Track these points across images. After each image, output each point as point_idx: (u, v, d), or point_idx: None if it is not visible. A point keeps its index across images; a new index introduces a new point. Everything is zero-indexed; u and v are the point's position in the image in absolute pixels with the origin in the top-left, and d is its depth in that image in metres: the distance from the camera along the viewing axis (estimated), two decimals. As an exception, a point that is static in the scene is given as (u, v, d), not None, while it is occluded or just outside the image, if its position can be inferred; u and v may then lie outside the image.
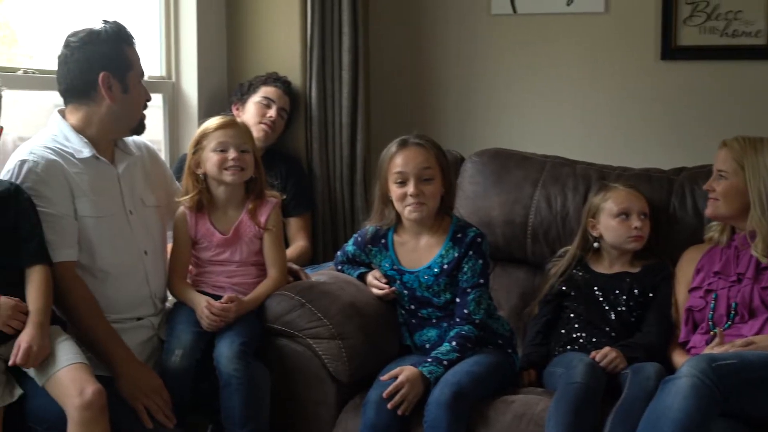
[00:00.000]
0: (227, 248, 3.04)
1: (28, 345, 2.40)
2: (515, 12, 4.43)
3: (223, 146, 2.98)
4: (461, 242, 3.02)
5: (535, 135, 4.39)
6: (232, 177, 2.99)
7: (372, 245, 3.17)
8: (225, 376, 2.79)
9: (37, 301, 2.51)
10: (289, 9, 4.12)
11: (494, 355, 2.98)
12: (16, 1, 3.57)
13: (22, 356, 2.39)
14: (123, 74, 2.86)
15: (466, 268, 3.00)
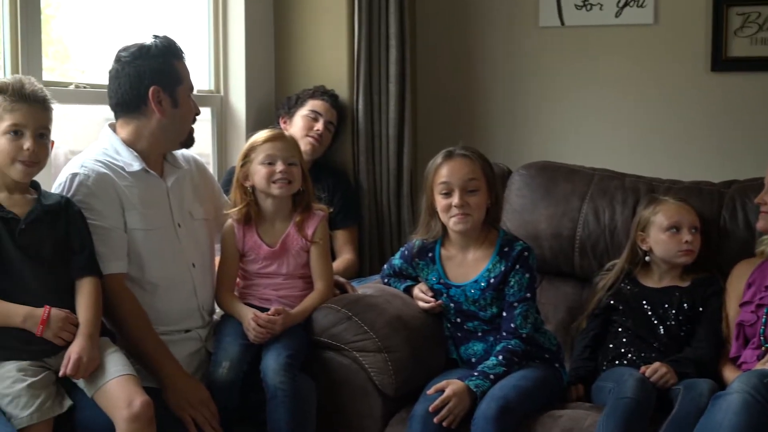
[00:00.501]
0: (274, 261, 3.05)
1: (78, 356, 2.43)
2: (563, 24, 4.41)
3: (271, 159, 3.00)
4: (508, 256, 3.00)
5: (583, 147, 4.36)
6: (279, 190, 3.00)
7: (419, 259, 3.16)
8: (271, 389, 2.79)
9: (86, 313, 2.53)
10: (336, 22, 4.14)
11: (541, 369, 2.96)
12: (69, 18, 3.62)
13: (72, 367, 2.42)
14: (173, 88, 2.89)
15: (512, 282, 2.98)
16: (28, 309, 2.43)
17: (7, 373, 2.40)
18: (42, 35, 3.19)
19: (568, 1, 4.39)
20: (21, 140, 2.48)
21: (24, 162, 2.49)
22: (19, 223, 2.48)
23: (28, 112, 2.50)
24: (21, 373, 2.39)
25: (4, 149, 2.48)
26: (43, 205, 2.55)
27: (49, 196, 2.61)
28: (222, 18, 4.13)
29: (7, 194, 2.53)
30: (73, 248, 2.59)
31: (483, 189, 3.02)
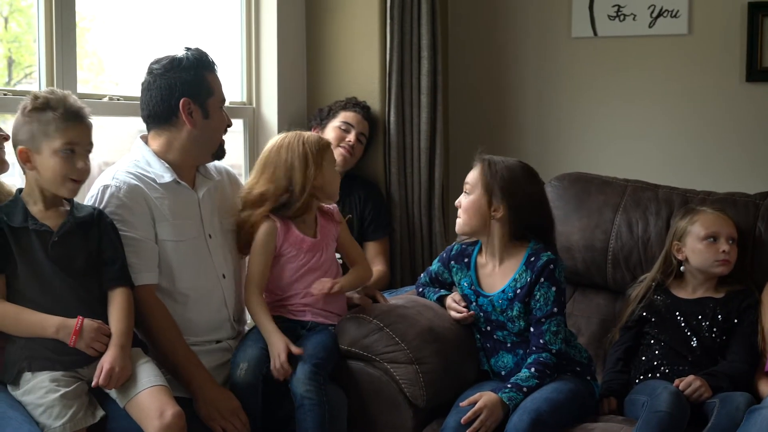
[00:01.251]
0: (315, 252, 3.02)
1: (110, 366, 2.44)
2: (596, 35, 4.40)
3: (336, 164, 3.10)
4: (534, 266, 2.99)
5: (617, 159, 4.34)
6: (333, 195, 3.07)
7: (455, 262, 3.17)
8: (298, 398, 2.79)
9: (119, 323, 2.54)
10: (368, 34, 4.15)
11: (573, 382, 2.94)
12: (103, 31, 3.65)
13: (104, 377, 2.43)
14: (203, 100, 2.90)
15: (538, 296, 2.96)
16: (61, 319, 2.44)
17: (40, 383, 2.41)
18: (77, 48, 3.22)
19: (601, 12, 4.38)
20: (74, 158, 2.50)
21: (75, 180, 2.51)
22: (51, 236, 2.50)
23: (80, 131, 2.52)
24: (54, 384, 2.41)
25: (57, 167, 2.48)
26: (75, 218, 2.56)
27: (82, 208, 2.63)
28: (254, 30, 4.15)
29: (42, 207, 2.55)
30: (105, 260, 2.60)
31: (475, 193, 3.04)
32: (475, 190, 3.04)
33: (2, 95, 3.00)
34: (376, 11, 4.12)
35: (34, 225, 2.50)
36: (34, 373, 2.44)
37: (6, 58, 3.43)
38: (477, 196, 3.04)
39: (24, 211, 2.52)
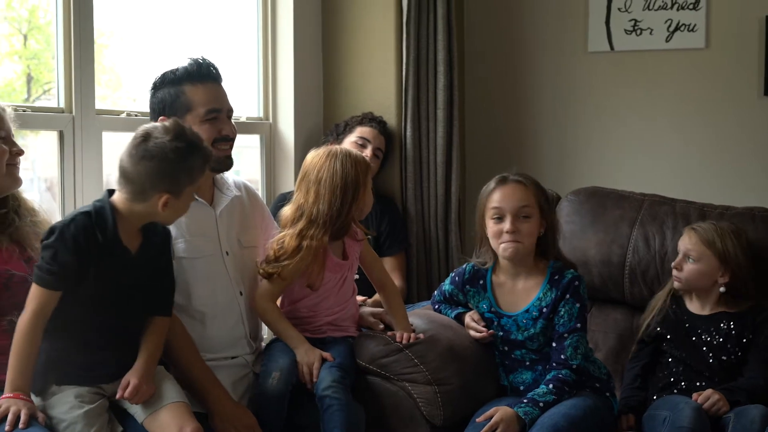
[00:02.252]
0: (345, 272, 3.01)
1: (138, 382, 2.44)
2: (612, 49, 4.40)
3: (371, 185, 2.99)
4: (558, 284, 2.98)
5: (633, 173, 4.34)
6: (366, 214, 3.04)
7: (470, 286, 3.14)
8: (326, 400, 2.77)
9: (151, 346, 2.55)
10: (384, 49, 4.16)
11: (591, 398, 2.92)
12: (121, 47, 3.67)
13: (130, 392, 2.43)
14: (180, 117, 2.80)
15: (562, 312, 2.95)
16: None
17: (65, 398, 2.42)
18: (95, 64, 3.24)
19: (618, 26, 4.38)
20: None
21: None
22: (129, 259, 2.49)
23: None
24: (78, 400, 2.41)
25: (183, 208, 2.53)
26: (150, 242, 2.54)
27: (155, 228, 2.58)
28: (271, 46, 4.17)
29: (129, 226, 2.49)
30: (159, 286, 2.60)
31: (535, 216, 2.99)
32: (533, 213, 2.99)
33: (21, 111, 3.02)
34: (392, 26, 4.12)
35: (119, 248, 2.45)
36: (60, 386, 2.44)
37: (25, 74, 3.46)
38: (536, 218, 2.99)
39: (114, 225, 2.45)
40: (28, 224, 2.65)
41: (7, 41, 3.36)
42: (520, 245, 2.97)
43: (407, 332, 2.97)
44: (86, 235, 2.39)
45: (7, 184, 2.58)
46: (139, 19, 3.71)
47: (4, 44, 3.35)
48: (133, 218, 2.47)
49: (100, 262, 2.42)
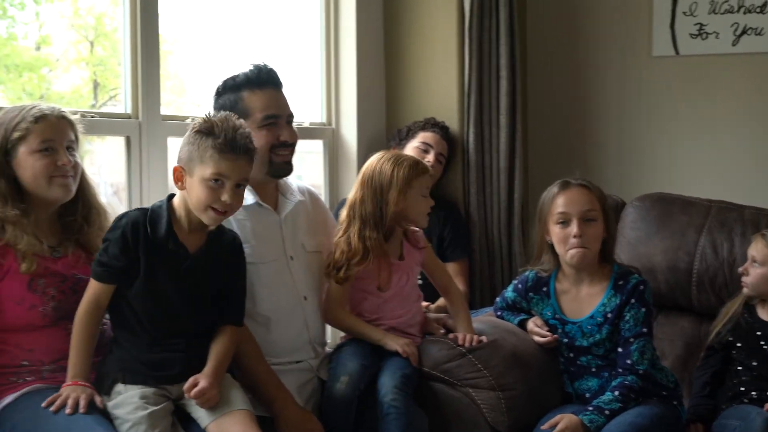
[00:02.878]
0: (403, 273, 3.02)
1: (205, 385, 2.46)
2: (678, 53, 4.34)
3: (425, 192, 2.99)
4: (623, 289, 2.95)
5: (699, 179, 4.28)
6: (426, 222, 3.03)
7: (533, 293, 3.12)
8: (385, 406, 2.78)
9: (220, 355, 2.56)
10: (447, 54, 4.15)
11: (659, 406, 2.88)
12: (184, 53, 3.71)
13: (197, 392, 2.45)
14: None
15: (628, 317, 2.92)
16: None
17: (130, 398, 2.44)
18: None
19: (683, 30, 4.32)
20: (220, 190, 2.49)
21: (216, 210, 2.51)
22: (186, 259, 2.53)
23: (233, 165, 2.50)
24: (143, 401, 2.43)
25: (202, 196, 2.49)
26: (214, 245, 2.58)
27: (224, 236, 2.62)
28: (334, 51, 4.18)
29: (185, 227, 2.55)
30: (227, 293, 2.62)
31: (600, 220, 2.97)
32: (599, 217, 2.98)
33: (89, 117, 3.05)
34: (455, 31, 4.11)
35: (173, 244, 2.52)
36: (126, 385, 2.47)
37: (91, 81, 3.50)
38: (600, 223, 2.98)
39: (168, 224, 2.52)
40: (96, 230, 2.69)
41: (75, 48, 3.40)
42: (587, 251, 2.95)
43: (470, 334, 2.96)
44: (134, 229, 2.48)
45: (56, 195, 2.59)
46: (203, 25, 3.74)
47: (72, 51, 3.40)
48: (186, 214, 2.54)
49: (152, 257, 2.49)
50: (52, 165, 2.54)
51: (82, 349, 2.47)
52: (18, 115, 2.54)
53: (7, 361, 2.54)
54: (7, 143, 2.53)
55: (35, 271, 2.51)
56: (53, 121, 2.56)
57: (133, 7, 3.18)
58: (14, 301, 2.51)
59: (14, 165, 2.55)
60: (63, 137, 2.58)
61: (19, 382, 2.53)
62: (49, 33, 3.27)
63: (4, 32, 3.14)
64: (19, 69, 3.22)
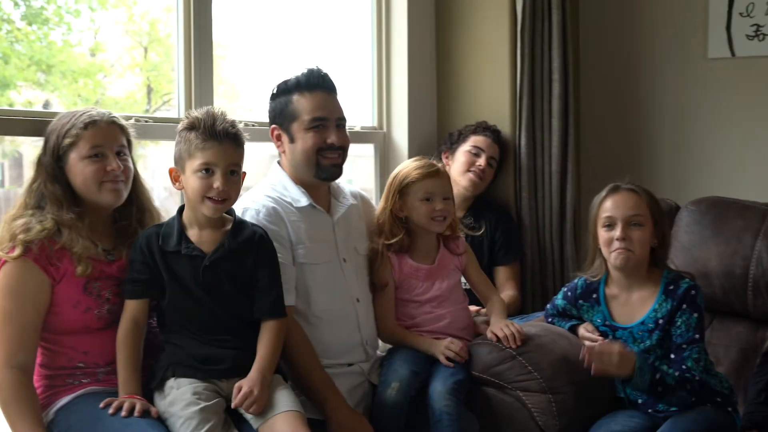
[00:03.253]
0: (434, 280, 3.05)
1: (248, 389, 2.48)
2: (734, 55, 4.29)
3: (429, 195, 3.02)
4: (674, 294, 2.91)
5: (756, 182, 4.22)
6: (439, 227, 3.04)
7: (583, 300, 3.10)
8: (437, 412, 2.79)
9: (264, 352, 2.58)
10: (499, 58, 4.13)
11: (714, 413, 2.85)
12: (237, 58, 3.73)
13: (240, 399, 2.47)
14: (288, 125, 2.94)
15: (679, 322, 2.89)
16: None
17: (183, 395, 2.47)
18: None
19: (739, 32, 4.26)
20: (211, 179, 2.55)
21: (213, 199, 2.56)
22: (203, 260, 2.57)
23: (218, 151, 2.55)
24: (195, 397, 2.46)
25: (196, 187, 2.55)
26: (231, 243, 2.61)
27: (243, 232, 2.66)
28: (385, 56, 4.19)
29: (197, 230, 2.62)
30: (260, 288, 2.64)
31: (648, 225, 2.94)
32: (646, 222, 2.95)
33: (143, 122, 3.09)
34: (507, 35, 4.10)
35: (186, 249, 2.57)
36: (177, 379, 2.51)
37: (145, 86, 3.54)
38: (649, 228, 2.95)
39: (180, 233, 2.59)
40: None
41: (129, 54, 3.45)
42: (630, 254, 2.92)
43: (508, 328, 2.98)
44: (148, 242, 2.58)
45: (107, 200, 2.63)
46: (255, 30, 3.77)
47: (126, 57, 3.44)
48: (193, 216, 2.61)
49: (171, 264, 2.57)
50: (101, 170, 2.58)
51: (129, 367, 2.52)
52: (69, 122, 2.58)
53: (63, 362, 2.59)
54: (59, 149, 2.58)
55: (90, 275, 2.55)
56: (103, 126, 2.60)
57: (186, 12, 3.21)
58: (70, 304, 2.55)
59: (67, 171, 2.59)
60: (113, 142, 2.62)
61: (74, 384, 2.58)
62: (104, 39, 3.31)
63: (60, 39, 3.19)
64: (74, 75, 3.27)
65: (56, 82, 3.20)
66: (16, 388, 2.43)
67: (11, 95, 3.12)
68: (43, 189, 2.58)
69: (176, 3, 3.23)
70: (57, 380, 2.58)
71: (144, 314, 2.58)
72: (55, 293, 2.53)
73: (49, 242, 2.52)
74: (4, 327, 2.47)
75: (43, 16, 3.11)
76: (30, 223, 2.52)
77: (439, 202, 3.02)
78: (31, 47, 3.10)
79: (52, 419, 2.52)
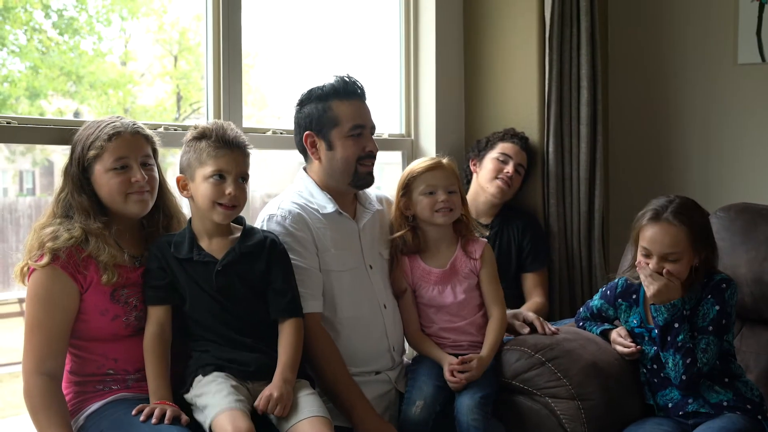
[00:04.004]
0: (446, 284, 3.03)
1: (269, 393, 2.49)
2: (764, 61, 4.25)
3: (431, 189, 3.01)
4: (707, 286, 2.90)
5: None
6: (443, 218, 3.01)
7: (622, 299, 3.09)
8: (464, 426, 2.78)
9: (285, 355, 2.60)
10: (527, 65, 4.13)
11: (744, 420, 2.83)
12: (265, 66, 3.76)
13: (263, 403, 2.49)
14: (327, 132, 2.93)
15: (700, 311, 2.88)
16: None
17: (212, 379, 2.52)
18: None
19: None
20: (223, 185, 2.59)
21: (224, 206, 2.59)
22: (215, 266, 2.60)
23: (230, 158, 2.60)
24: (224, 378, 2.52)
25: (207, 193, 2.59)
26: (241, 247, 2.64)
27: (253, 237, 2.69)
28: (413, 63, 4.20)
29: (207, 239, 2.66)
30: (275, 290, 2.66)
31: (685, 258, 2.89)
32: (683, 256, 2.89)
33: (172, 131, 3.12)
34: (535, 42, 4.09)
35: (198, 256, 2.61)
36: (207, 377, 2.53)
37: (174, 94, 3.57)
38: (687, 259, 2.91)
39: (191, 241, 2.64)
40: None
41: (159, 62, 3.48)
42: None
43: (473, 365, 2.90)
44: (162, 251, 2.63)
45: (133, 210, 2.66)
46: (283, 40, 3.79)
47: (156, 65, 3.47)
48: (202, 224, 2.65)
49: (185, 271, 2.61)
50: (126, 182, 2.61)
51: (158, 374, 2.55)
52: (93, 133, 2.62)
53: (93, 369, 2.62)
54: (85, 161, 2.62)
55: (117, 282, 2.58)
56: (127, 138, 2.63)
57: (216, 21, 3.24)
58: (98, 312, 2.58)
59: (93, 181, 2.63)
60: (138, 153, 2.65)
61: (105, 390, 2.61)
62: (135, 48, 3.34)
63: (91, 49, 3.22)
64: (104, 86, 3.30)
65: (85, 92, 3.24)
66: (45, 395, 2.46)
67: (42, 104, 3.16)
68: (71, 199, 2.61)
69: (205, 11, 3.26)
70: (87, 387, 2.61)
71: (168, 320, 2.61)
72: (83, 301, 2.56)
73: (77, 250, 2.55)
74: (33, 334, 2.51)
75: (75, 25, 3.14)
76: (58, 232, 2.55)
77: (442, 194, 3.00)
78: (62, 57, 3.14)
79: (83, 425, 2.55)
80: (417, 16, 4.19)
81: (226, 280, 2.61)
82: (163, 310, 2.61)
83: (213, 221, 2.63)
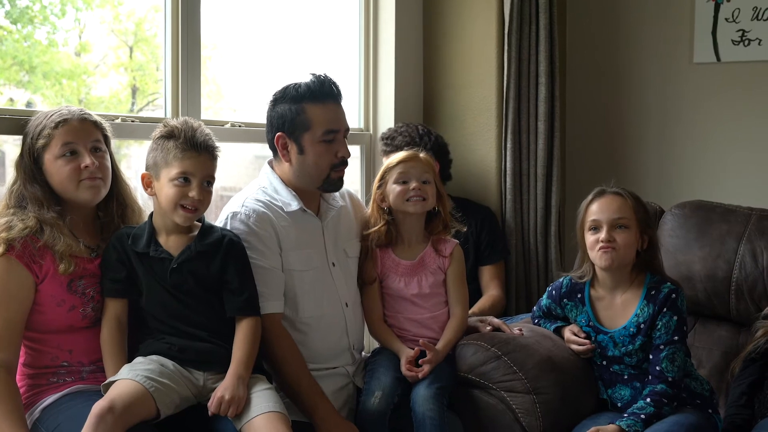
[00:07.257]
0: (412, 277, 3.03)
1: (221, 395, 2.48)
2: (719, 60, 4.30)
3: (404, 177, 3.01)
4: (656, 299, 2.92)
5: (740, 186, 4.23)
6: (414, 207, 3.00)
7: (567, 299, 3.11)
8: (419, 416, 2.78)
9: (239, 353, 2.58)
10: (486, 60, 4.14)
11: (695, 415, 2.86)
12: (222, 58, 3.73)
13: (214, 405, 2.47)
14: (298, 135, 2.86)
15: (660, 325, 2.90)
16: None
17: (141, 361, 2.52)
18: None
19: (725, 37, 4.28)
20: (188, 188, 2.56)
21: (186, 208, 2.57)
22: (171, 263, 2.58)
23: (197, 162, 2.58)
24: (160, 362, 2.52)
25: (171, 195, 2.57)
26: (197, 245, 2.62)
27: (210, 235, 2.67)
28: (372, 58, 4.19)
29: (165, 236, 2.64)
30: (231, 289, 2.64)
31: (633, 228, 2.95)
32: (631, 225, 2.95)
33: (130, 122, 3.09)
34: (494, 38, 4.10)
35: (155, 252, 2.59)
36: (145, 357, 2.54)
37: (130, 85, 3.53)
38: (634, 230, 2.96)
39: (150, 236, 2.61)
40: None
41: (114, 53, 3.44)
42: (615, 253, 2.93)
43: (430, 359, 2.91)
44: (121, 242, 2.61)
45: (85, 197, 2.63)
46: (241, 31, 3.76)
47: (111, 56, 3.43)
48: (162, 221, 2.63)
49: (142, 265, 2.60)
50: (77, 169, 2.59)
51: (116, 366, 2.53)
52: (41, 123, 2.59)
53: (47, 362, 2.59)
54: (34, 151, 2.59)
55: (74, 272, 2.55)
56: (74, 124, 2.60)
57: (174, 12, 3.21)
58: (54, 303, 2.55)
59: (44, 171, 2.60)
60: (86, 139, 2.62)
61: (59, 383, 2.59)
62: (89, 39, 3.30)
63: (45, 39, 3.18)
64: (57, 76, 3.26)
65: (38, 82, 3.19)
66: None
67: (-8, 94, 3.12)
68: (23, 190, 2.59)
69: (164, 3, 3.22)
70: (41, 379, 2.59)
71: (125, 313, 2.60)
72: (39, 292, 2.53)
73: (32, 240, 2.52)
74: None
75: (28, 15, 3.10)
76: (12, 222, 2.52)
77: (415, 183, 2.99)
78: (14, 46, 3.09)
79: (39, 417, 2.52)
80: (377, 12, 4.19)
81: (180, 277, 2.59)
82: (122, 303, 2.60)
83: (173, 221, 2.61)
